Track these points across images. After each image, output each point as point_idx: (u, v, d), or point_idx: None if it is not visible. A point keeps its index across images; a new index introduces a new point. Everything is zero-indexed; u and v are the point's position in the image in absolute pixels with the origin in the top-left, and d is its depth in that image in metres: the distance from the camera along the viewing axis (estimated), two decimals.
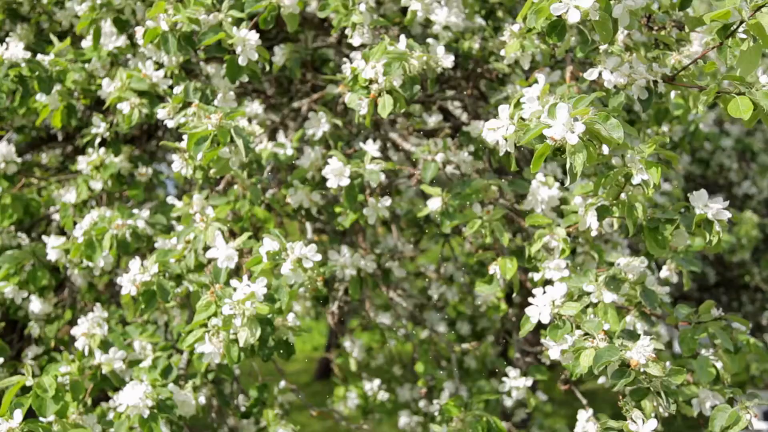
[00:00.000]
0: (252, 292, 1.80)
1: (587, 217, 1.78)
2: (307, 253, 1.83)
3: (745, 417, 1.79)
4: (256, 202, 2.12)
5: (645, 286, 1.80)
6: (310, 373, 10.82)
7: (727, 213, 1.64)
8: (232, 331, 1.82)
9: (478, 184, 1.97)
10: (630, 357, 1.54)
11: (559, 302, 1.69)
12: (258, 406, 2.56)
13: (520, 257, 1.97)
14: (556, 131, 1.34)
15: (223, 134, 1.72)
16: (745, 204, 5.61)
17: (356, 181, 2.01)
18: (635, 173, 1.59)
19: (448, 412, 2.12)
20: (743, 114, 1.52)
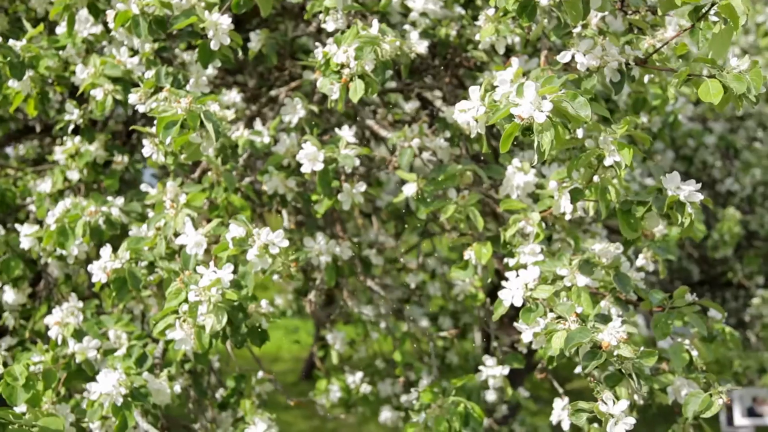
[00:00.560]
0: (218, 278, 1.78)
1: (561, 200, 1.77)
2: (273, 239, 1.81)
3: (718, 402, 1.79)
4: (231, 189, 2.10)
5: (619, 270, 1.80)
6: (297, 372, 10.81)
7: (699, 195, 1.64)
8: (199, 317, 1.80)
9: (453, 170, 1.96)
10: (601, 339, 1.53)
11: (532, 285, 1.68)
12: (235, 396, 2.54)
13: (495, 243, 1.96)
14: (523, 110, 1.34)
15: (193, 119, 1.70)
16: (728, 201, 5.64)
17: (331, 166, 2.00)
18: (607, 155, 1.58)
19: (425, 399, 2.11)
20: (714, 98, 1.52)
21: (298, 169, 2.10)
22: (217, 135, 1.71)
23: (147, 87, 1.90)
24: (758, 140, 5.89)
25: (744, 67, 1.54)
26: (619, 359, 1.56)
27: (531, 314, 1.66)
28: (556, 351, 1.56)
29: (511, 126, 1.36)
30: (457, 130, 2.12)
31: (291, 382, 10.63)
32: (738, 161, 5.73)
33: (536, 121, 1.33)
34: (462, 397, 2.15)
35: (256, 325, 1.95)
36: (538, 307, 1.67)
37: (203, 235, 1.93)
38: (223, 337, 1.94)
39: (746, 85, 1.51)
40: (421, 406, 2.14)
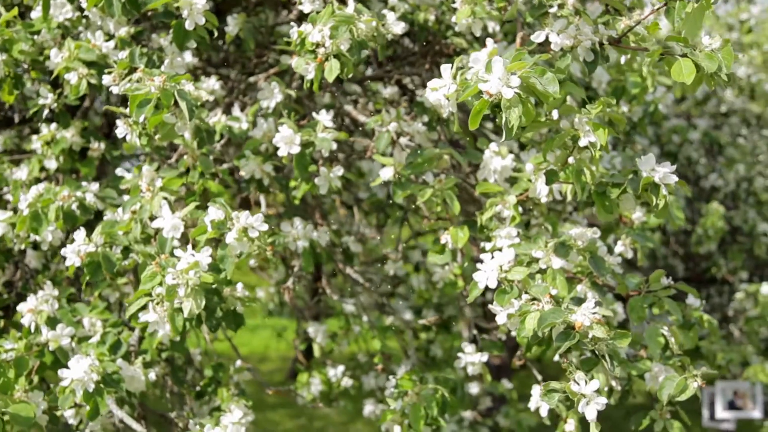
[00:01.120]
0: (196, 261, 1.76)
1: (537, 183, 1.76)
2: (252, 223, 1.80)
3: (693, 385, 1.79)
4: (207, 172, 2.08)
5: (594, 254, 1.79)
6: (284, 372, 10.79)
7: (674, 177, 1.64)
8: (176, 301, 1.79)
9: (430, 154, 1.95)
10: (575, 319, 1.53)
11: (507, 267, 1.67)
12: (213, 385, 2.52)
13: (472, 227, 1.96)
14: (491, 85, 1.33)
15: (166, 97, 1.68)
16: (711, 196, 5.67)
17: (308, 150, 1.98)
18: (582, 135, 1.58)
19: (402, 386, 2.10)
20: (686, 77, 1.52)
21: (276, 153, 2.09)
22: (191, 114, 1.69)
23: (121, 68, 1.88)
24: (742, 136, 5.93)
25: (716, 45, 1.54)
26: (592, 340, 1.55)
27: (505, 296, 1.65)
28: (529, 332, 1.55)
29: (480, 102, 1.35)
30: (435, 114, 2.11)
31: (278, 381, 10.62)
32: (722, 157, 5.76)
33: (504, 96, 1.32)
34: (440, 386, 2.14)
35: (231, 308, 1.93)
36: (512, 289, 1.66)
37: (180, 219, 1.91)
38: (198, 322, 1.93)
39: (717, 64, 1.51)
40: (399, 393, 2.13)
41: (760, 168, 5.92)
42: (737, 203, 5.77)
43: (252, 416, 2.27)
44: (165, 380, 2.48)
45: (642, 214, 2.31)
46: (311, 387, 3.47)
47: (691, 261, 6.20)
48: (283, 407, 9.49)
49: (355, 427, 8.70)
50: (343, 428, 8.63)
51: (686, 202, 5.86)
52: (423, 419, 2.02)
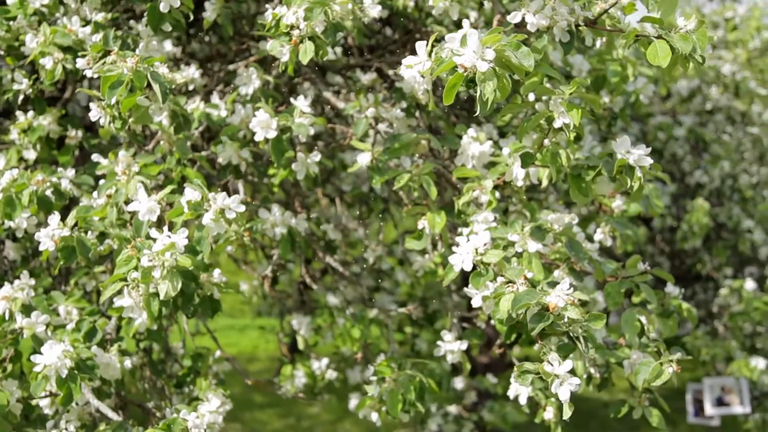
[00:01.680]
0: (172, 242, 1.75)
1: (514, 167, 1.76)
2: (229, 204, 1.78)
3: (668, 370, 1.79)
4: (184, 158, 2.07)
5: (571, 238, 1.79)
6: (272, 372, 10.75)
7: (649, 159, 1.64)
8: (152, 284, 1.77)
9: (407, 139, 1.94)
10: (549, 301, 1.52)
11: (482, 250, 1.67)
12: (191, 375, 2.50)
13: (450, 212, 1.95)
14: (466, 59, 1.32)
15: (139, 79, 1.66)
16: (697, 193, 5.69)
17: (285, 135, 1.97)
18: (557, 116, 1.57)
19: (381, 372, 2.09)
20: (661, 60, 1.51)
21: (254, 140, 2.08)
22: (165, 97, 1.67)
23: (95, 51, 1.86)
24: (727, 134, 5.96)
25: (691, 27, 1.54)
26: (567, 322, 1.55)
27: (480, 279, 1.65)
28: (503, 314, 1.55)
29: (455, 77, 1.34)
30: (413, 100, 2.10)
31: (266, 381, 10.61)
32: (707, 154, 5.79)
33: (479, 70, 1.31)
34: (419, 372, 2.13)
35: (208, 294, 1.92)
36: (488, 272, 1.65)
37: (156, 202, 1.89)
38: (174, 307, 1.91)
39: (692, 45, 1.51)
40: (377, 379, 2.12)
41: (745, 165, 5.95)
42: (722, 200, 5.79)
43: (230, 405, 2.25)
44: (143, 370, 2.45)
45: (622, 202, 2.31)
46: (295, 380, 3.46)
47: (677, 259, 6.22)
48: (271, 407, 9.46)
49: (344, 426, 8.68)
50: (332, 427, 8.61)
51: (672, 199, 5.89)
52: (401, 405, 2.01)
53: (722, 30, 6.17)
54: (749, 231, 5.49)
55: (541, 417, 2.15)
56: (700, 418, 5.43)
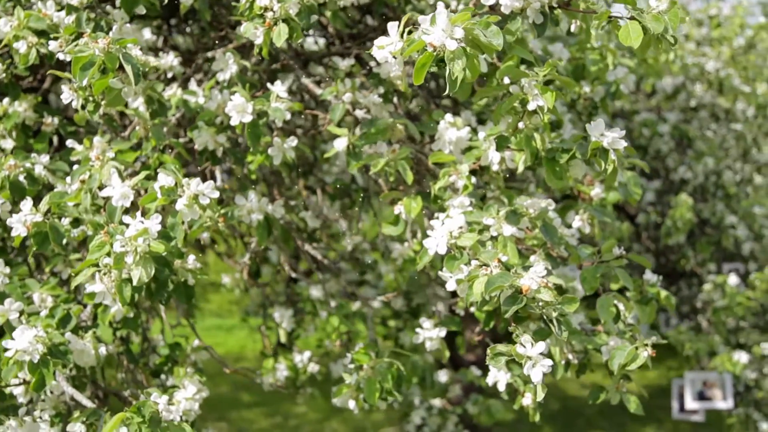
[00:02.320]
0: (145, 228, 1.73)
1: (489, 151, 1.75)
2: (203, 190, 1.77)
3: (643, 354, 1.79)
4: (160, 144, 2.05)
5: (546, 222, 1.79)
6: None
7: (623, 142, 1.64)
8: (125, 270, 1.75)
9: (383, 124, 1.93)
10: (522, 283, 1.52)
11: (457, 233, 1.66)
12: (169, 363, 2.48)
13: (426, 198, 1.94)
14: (435, 37, 1.31)
15: (111, 60, 1.65)
16: (681, 189, 5.72)
17: (262, 120, 1.96)
18: (531, 99, 1.57)
19: (359, 360, 2.08)
20: (634, 41, 1.51)
21: (231, 126, 2.06)
22: (137, 78, 1.66)
23: (67, 33, 1.84)
24: (711, 130, 5.99)
25: (663, 7, 1.54)
26: (542, 304, 1.54)
27: (455, 262, 1.64)
28: (477, 296, 1.54)
29: (424, 56, 1.34)
30: (391, 86, 2.09)
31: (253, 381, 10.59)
32: (691, 150, 5.82)
33: (447, 48, 1.31)
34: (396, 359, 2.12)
35: (182, 280, 1.90)
36: (462, 255, 1.65)
37: (130, 187, 1.87)
38: (148, 293, 1.89)
39: (664, 26, 1.51)
40: (354, 367, 2.11)
41: (729, 162, 5.99)
42: (706, 196, 5.83)
43: (206, 392, 2.24)
44: (120, 359, 2.43)
45: (601, 190, 2.31)
46: (277, 372, 3.45)
47: (663, 256, 6.25)
48: (257, 406, 9.43)
49: (330, 425, 8.67)
50: (318, 426, 8.60)
51: (656, 195, 5.92)
52: (378, 392, 2.00)
53: (707, 27, 6.21)
54: (732, 227, 5.52)
55: (520, 403, 2.15)
56: (685, 414, 5.45)
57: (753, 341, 5.10)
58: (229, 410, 9.24)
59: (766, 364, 4.94)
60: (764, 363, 4.93)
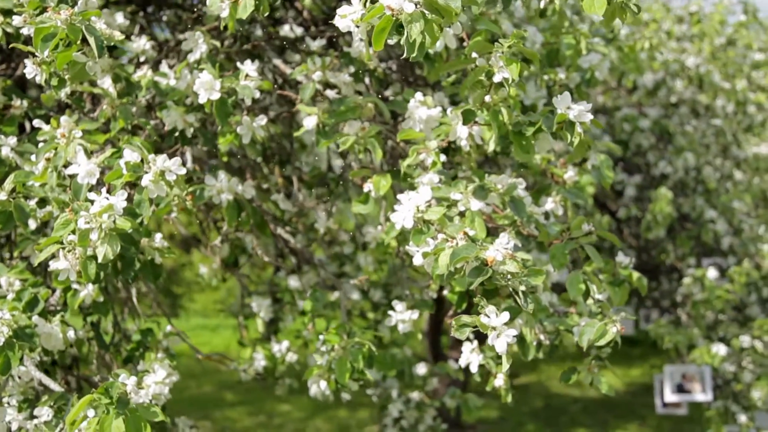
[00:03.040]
0: (109, 204, 1.71)
1: (457, 126, 1.75)
2: (170, 166, 1.75)
3: (612, 330, 1.79)
4: (128, 123, 2.03)
5: (514, 197, 1.78)
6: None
7: (589, 115, 1.64)
8: (90, 247, 1.73)
9: (353, 102, 1.92)
10: (487, 255, 1.51)
11: (424, 207, 1.65)
12: (140, 349, 2.46)
13: (396, 176, 1.93)
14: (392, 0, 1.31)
15: (74, 32, 1.63)
16: (661, 184, 5.75)
17: (231, 99, 1.94)
18: (496, 71, 1.57)
19: (329, 341, 2.07)
20: (597, 10, 1.51)
21: (201, 107, 2.05)
22: (101, 51, 1.64)
23: (31, 8, 1.81)
24: (692, 126, 6.04)
25: None
26: (509, 277, 1.53)
27: (421, 236, 1.63)
28: (443, 269, 1.53)
29: (383, 20, 1.33)
30: (361, 65, 2.08)
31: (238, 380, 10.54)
32: (671, 146, 5.86)
33: (405, 11, 1.30)
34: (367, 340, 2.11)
35: (149, 259, 1.88)
36: (429, 229, 1.64)
37: (96, 165, 1.85)
38: (114, 272, 1.87)
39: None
40: (325, 349, 2.10)
41: (709, 158, 6.03)
42: (686, 191, 5.86)
43: (176, 377, 2.22)
44: (90, 345, 2.41)
45: (574, 173, 2.32)
46: (255, 362, 3.42)
47: (645, 252, 6.28)
48: (242, 405, 9.39)
49: (315, 424, 8.64)
50: (302, 424, 8.57)
51: (637, 190, 5.95)
52: (349, 373, 1.99)
53: (687, 24, 6.25)
54: (712, 221, 5.55)
55: (492, 385, 2.14)
56: (669, 408, 5.48)
57: (732, 334, 5.13)
58: (212, 409, 9.19)
59: (744, 357, 4.96)
60: (743, 356, 4.96)
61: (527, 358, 2.06)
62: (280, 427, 8.48)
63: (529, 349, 2.03)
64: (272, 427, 8.54)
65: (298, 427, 8.42)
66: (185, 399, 9.29)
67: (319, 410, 9.07)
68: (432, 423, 4.09)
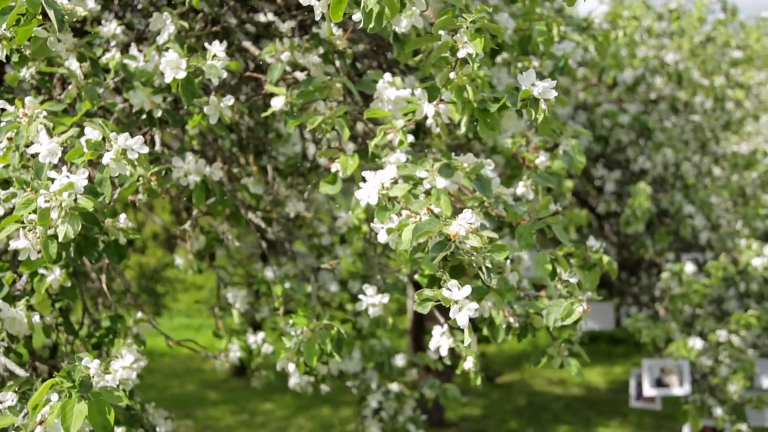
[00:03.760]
0: (70, 182, 1.69)
1: (423, 104, 1.74)
2: (132, 144, 1.73)
3: (578, 309, 1.79)
4: (94, 104, 2.00)
5: (480, 176, 1.78)
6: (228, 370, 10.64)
7: (554, 92, 1.64)
8: (51, 226, 1.70)
9: (321, 82, 1.91)
10: (450, 229, 1.50)
11: (389, 184, 1.64)
12: (110, 336, 2.43)
13: (364, 156, 1.93)
14: None
15: (33, 5, 1.60)
16: (640, 179, 5.79)
17: (198, 79, 1.92)
18: (460, 46, 1.56)
19: (298, 323, 2.05)
20: None
21: (170, 88, 2.03)
22: (60, 25, 1.61)
23: None
24: (671, 122, 6.08)
25: None
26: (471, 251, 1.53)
27: (386, 212, 1.62)
28: (406, 244, 1.52)
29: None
30: (330, 46, 2.07)
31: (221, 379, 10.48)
32: (650, 141, 5.89)
33: None
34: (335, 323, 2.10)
35: (112, 239, 1.86)
36: (394, 205, 1.63)
37: (58, 144, 1.82)
38: (77, 252, 1.85)
39: None
40: (294, 331, 2.08)
41: (688, 154, 6.07)
42: (665, 187, 5.90)
43: (145, 361, 2.19)
44: (59, 331, 2.38)
45: (546, 158, 2.32)
46: (230, 353, 3.40)
47: (625, 249, 6.32)
48: (224, 403, 9.34)
49: (297, 422, 8.61)
50: (285, 422, 8.54)
51: (617, 185, 5.98)
52: (317, 355, 1.98)
53: (666, 21, 6.30)
54: (690, 216, 5.59)
55: (462, 368, 2.14)
56: (642, 402, 5.50)
57: (709, 328, 5.16)
58: (195, 408, 9.14)
59: (721, 352, 4.99)
60: (719, 350, 4.99)
61: (497, 341, 2.06)
62: (262, 425, 8.45)
63: (498, 332, 2.03)
64: (255, 425, 8.50)
65: (280, 426, 8.39)
66: (168, 398, 9.23)
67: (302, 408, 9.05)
68: (412, 414, 4.08)
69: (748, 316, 4.88)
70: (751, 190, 6.61)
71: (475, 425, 8.36)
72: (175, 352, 13.15)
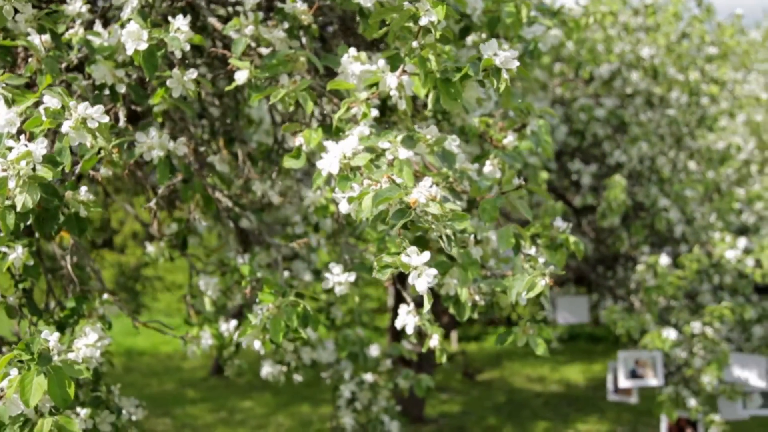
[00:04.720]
0: (27, 151, 1.66)
1: (387, 76, 1.73)
2: (92, 114, 1.71)
3: (540, 283, 1.79)
4: (54, 77, 1.97)
5: (444, 148, 1.77)
6: (207, 369, 10.57)
7: (516, 62, 1.64)
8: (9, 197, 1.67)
9: (285, 55, 1.90)
10: (411, 197, 1.49)
11: (350, 154, 1.64)
12: (75, 317, 2.40)
13: (328, 131, 1.91)
14: None
15: None
16: (616, 173, 5.82)
17: (160, 51, 1.90)
18: (422, 14, 1.56)
19: (264, 300, 2.03)
20: None
21: (132, 63, 2.00)
22: None
23: None
24: (646, 116, 6.13)
25: None
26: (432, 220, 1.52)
27: (347, 182, 1.61)
28: (366, 212, 1.52)
29: None
30: (296, 21, 2.06)
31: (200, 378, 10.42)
32: (626, 135, 5.93)
33: None
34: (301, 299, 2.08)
35: (73, 211, 1.83)
36: (355, 175, 1.62)
37: (17, 114, 1.79)
38: (37, 224, 1.82)
39: None
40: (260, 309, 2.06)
41: (663, 148, 6.12)
42: (641, 180, 5.94)
43: (109, 340, 2.16)
44: (22, 311, 2.34)
45: (513, 138, 2.32)
46: (202, 340, 3.36)
47: (602, 244, 6.35)
48: (203, 401, 9.28)
49: (276, 419, 8.57)
50: (264, 420, 8.50)
51: (593, 179, 6.01)
52: (283, 332, 1.96)
53: (642, 17, 6.35)
54: (665, 210, 5.63)
55: (427, 346, 2.13)
56: (619, 395, 5.54)
57: (683, 320, 5.20)
58: (173, 406, 9.06)
59: (695, 344, 5.03)
60: (693, 342, 5.03)
61: (462, 319, 2.05)
62: (241, 423, 8.40)
63: (464, 309, 2.03)
64: (234, 423, 8.45)
65: (260, 423, 8.35)
66: (146, 396, 9.16)
67: (281, 406, 9.01)
68: (386, 404, 4.07)
69: (722, 308, 4.93)
70: (726, 186, 6.68)
71: (455, 422, 8.37)
72: (154, 351, 13.04)
